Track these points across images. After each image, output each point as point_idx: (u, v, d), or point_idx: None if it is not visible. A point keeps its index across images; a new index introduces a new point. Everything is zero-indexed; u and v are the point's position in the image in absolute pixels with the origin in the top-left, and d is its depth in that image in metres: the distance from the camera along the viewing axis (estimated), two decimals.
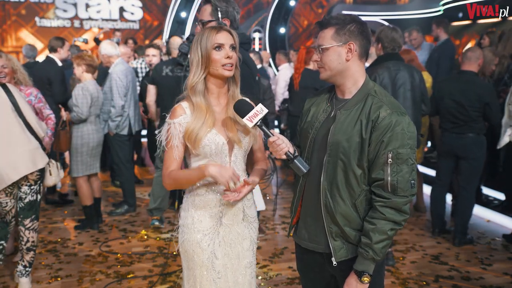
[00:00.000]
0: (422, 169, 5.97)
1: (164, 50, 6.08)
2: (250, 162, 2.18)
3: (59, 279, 3.63)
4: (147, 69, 6.21)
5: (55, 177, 3.56)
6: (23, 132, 3.21)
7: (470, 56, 4.16)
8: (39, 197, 3.36)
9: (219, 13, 2.65)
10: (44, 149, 3.38)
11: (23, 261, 3.37)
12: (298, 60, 5.44)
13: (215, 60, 1.94)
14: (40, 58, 6.74)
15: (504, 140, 4.22)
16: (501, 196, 5.25)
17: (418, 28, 6.72)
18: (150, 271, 3.75)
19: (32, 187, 3.29)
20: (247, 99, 2.03)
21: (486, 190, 5.46)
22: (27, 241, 3.34)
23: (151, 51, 5.57)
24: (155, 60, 5.44)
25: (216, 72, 1.97)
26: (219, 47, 1.94)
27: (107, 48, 5.00)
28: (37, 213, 3.37)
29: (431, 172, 5.70)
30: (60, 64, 5.48)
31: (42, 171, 3.34)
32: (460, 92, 4.11)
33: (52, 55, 5.47)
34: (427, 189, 5.36)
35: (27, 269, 3.38)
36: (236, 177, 1.91)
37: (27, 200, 3.29)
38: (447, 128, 4.28)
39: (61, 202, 5.52)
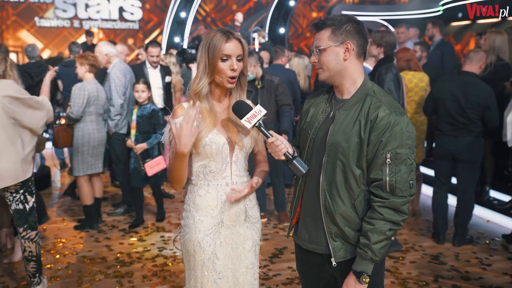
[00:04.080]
0: (423, 169, 5.92)
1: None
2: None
3: (59, 279, 3.63)
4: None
5: None
6: (13, 142, 3.01)
7: (472, 56, 4.12)
8: (27, 206, 3.13)
9: None
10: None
11: (27, 270, 3.25)
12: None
13: (220, 70, 1.93)
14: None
15: None
16: (502, 197, 5.23)
17: (407, 25, 6.81)
18: (150, 271, 3.76)
19: (14, 196, 3.09)
20: (247, 101, 2.03)
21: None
22: (24, 250, 3.20)
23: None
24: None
25: (220, 82, 1.97)
26: (225, 58, 1.93)
27: (109, 48, 5.03)
28: (29, 223, 3.15)
29: (431, 173, 5.68)
30: None
31: (25, 181, 3.12)
32: (460, 94, 4.05)
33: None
34: (427, 190, 5.35)
35: (32, 279, 3.25)
36: (195, 115, 1.81)
37: (13, 207, 3.11)
38: (444, 130, 4.20)
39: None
